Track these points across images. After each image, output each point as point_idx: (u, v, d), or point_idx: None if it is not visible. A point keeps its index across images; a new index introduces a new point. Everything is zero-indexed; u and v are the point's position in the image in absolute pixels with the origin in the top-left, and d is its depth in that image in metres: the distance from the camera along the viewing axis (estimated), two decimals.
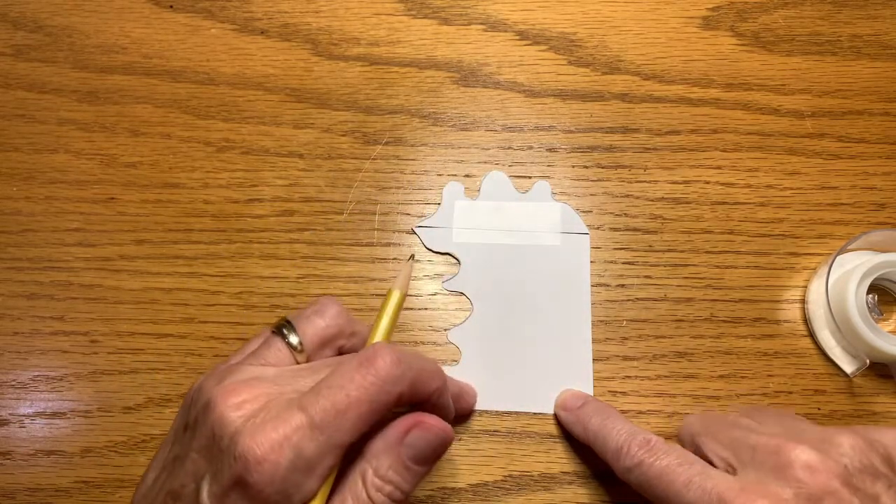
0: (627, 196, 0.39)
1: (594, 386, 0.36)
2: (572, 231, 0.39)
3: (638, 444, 0.30)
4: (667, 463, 0.28)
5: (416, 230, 0.39)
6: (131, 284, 0.38)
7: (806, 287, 0.38)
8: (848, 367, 0.35)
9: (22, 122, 0.42)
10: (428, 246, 0.39)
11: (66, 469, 0.35)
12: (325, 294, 0.36)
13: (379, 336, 0.28)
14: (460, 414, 0.35)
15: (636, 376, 0.36)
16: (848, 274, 0.35)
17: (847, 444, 0.27)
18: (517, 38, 0.43)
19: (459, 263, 0.38)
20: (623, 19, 0.43)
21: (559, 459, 0.35)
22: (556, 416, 0.35)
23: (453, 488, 0.34)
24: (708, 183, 0.40)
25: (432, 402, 0.26)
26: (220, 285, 0.38)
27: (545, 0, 0.44)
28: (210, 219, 0.40)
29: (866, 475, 0.27)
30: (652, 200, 0.39)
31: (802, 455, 0.26)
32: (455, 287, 0.38)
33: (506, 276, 0.38)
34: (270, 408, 0.23)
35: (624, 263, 0.38)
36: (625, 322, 0.37)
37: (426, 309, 0.38)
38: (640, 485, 0.29)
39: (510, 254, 0.38)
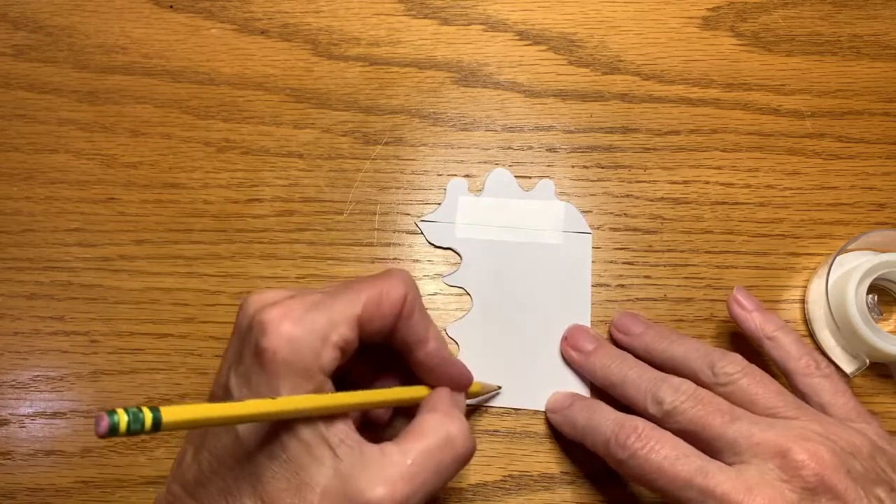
0: (627, 196, 0.40)
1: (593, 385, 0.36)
2: (575, 230, 0.39)
3: (626, 433, 0.29)
4: (664, 455, 0.28)
5: (420, 224, 0.39)
6: (131, 284, 0.38)
7: (806, 287, 0.38)
8: (848, 367, 0.35)
9: (22, 122, 0.42)
10: (431, 241, 0.39)
11: (66, 469, 0.35)
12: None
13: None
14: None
15: None
16: (848, 274, 0.35)
17: (856, 443, 0.27)
18: (517, 38, 0.43)
19: (461, 259, 0.38)
20: (623, 19, 0.43)
21: (559, 459, 0.35)
22: (547, 419, 0.35)
23: (453, 488, 0.34)
24: (708, 183, 0.40)
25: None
26: (220, 285, 0.38)
27: (545, 0, 0.44)
28: (210, 219, 0.40)
29: (870, 476, 0.27)
30: (652, 200, 0.39)
31: (808, 452, 0.26)
32: (456, 282, 0.38)
33: (507, 272, 0.38)
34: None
35: (624, 263, 0.38)
36: None
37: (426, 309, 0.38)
38: (635, 476, 0.29)
39: (512, 251, 0.38)
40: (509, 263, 0.38)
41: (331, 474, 0.25)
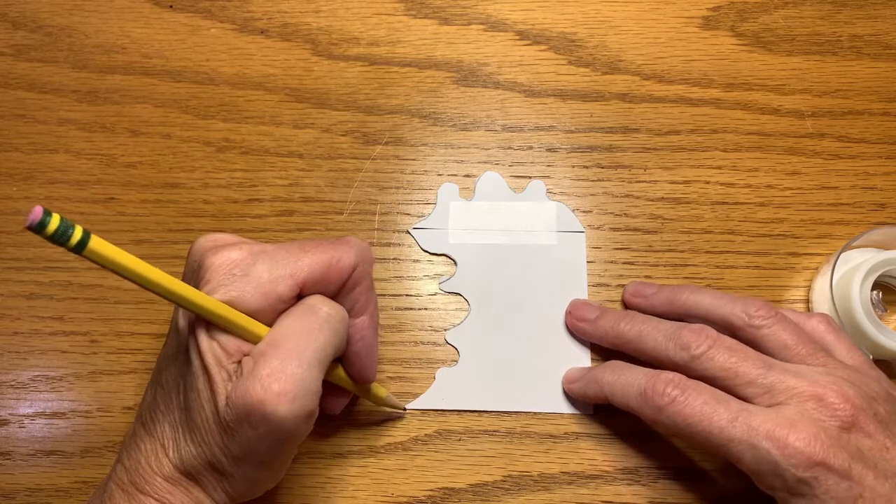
0: (627, 196, 0.39)
1: None
2: (568, 230, 0.39)
3: (664, 382, 0.30)
4: (703, 400, 0.29)
5: (412, 232, 0.39)
6: (131, 284, 0.38)
7: (808, 287, 0.38)
8: None
9: (22, 122, 0.42)
10: (424, 248, 0.39)
11: (65, 469, 0.35)
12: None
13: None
14: (357, 377, 0.32)
15: None
16: (852, 271, 0.35)
17: (876, 389, 0.29)
18: (517, 38, 0.43)
19: (456, 265, 0.38)
20: (623, 19, 0.43)
21: (559, 459, 0.35)
22: (566, 394, 0.35)
23: (453, 488, 0.34)
24: (708, 183, 0.40)
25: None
26: None
27: (545, 0, 0.44)
28: (210, 219, 0.40)
29: (892, 418, 0.29)
30: (652, 200, 0.39)
31: (841, 396, 0.28)
32: (452, 288, 0.38)
33: (503, 276, 0.38)
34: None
35: (624, 263, 0.38)
36: None
37: (426, 309, 0.38)
38: (675, 423, 0.29)
39: (506, 254, 0.38)
40: (504, 266, 0.38)
41: (229, 389, 0.26)
